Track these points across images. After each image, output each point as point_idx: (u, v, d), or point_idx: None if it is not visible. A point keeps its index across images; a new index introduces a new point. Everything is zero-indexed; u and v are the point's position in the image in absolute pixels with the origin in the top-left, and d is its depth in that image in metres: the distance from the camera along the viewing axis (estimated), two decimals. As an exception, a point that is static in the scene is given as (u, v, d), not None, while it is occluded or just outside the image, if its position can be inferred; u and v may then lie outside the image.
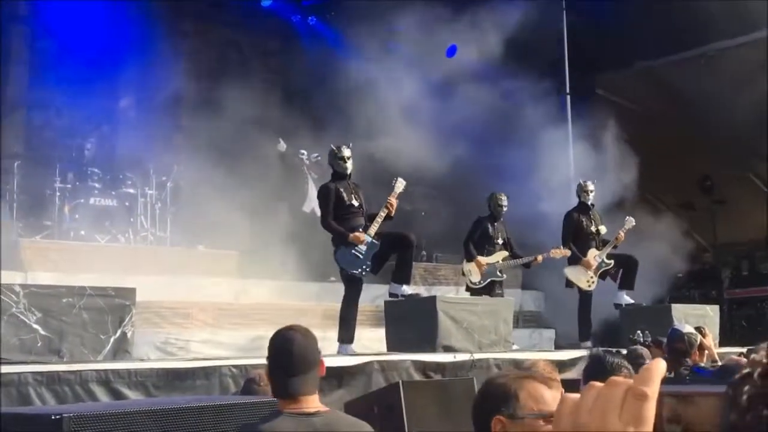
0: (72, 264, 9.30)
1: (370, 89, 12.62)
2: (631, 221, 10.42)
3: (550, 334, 12.23)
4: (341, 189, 7.92)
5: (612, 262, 10.30)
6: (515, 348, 8.86)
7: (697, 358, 5.96)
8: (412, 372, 7.11)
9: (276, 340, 3.37)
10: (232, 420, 3.70)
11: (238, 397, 4.46)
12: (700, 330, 6.25)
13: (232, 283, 10.65)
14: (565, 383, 2.38)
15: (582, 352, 8.87)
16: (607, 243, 10.34)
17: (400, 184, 8.10)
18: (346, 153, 8.01)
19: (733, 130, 13.65)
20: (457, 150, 12.39)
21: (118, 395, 5.57)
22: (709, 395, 0.95)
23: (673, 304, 10.42)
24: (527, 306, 13.03)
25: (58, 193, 10.79)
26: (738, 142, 14.24)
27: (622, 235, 10.29)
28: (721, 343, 9.51)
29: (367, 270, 7.79)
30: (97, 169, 11.25)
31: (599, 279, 10.33)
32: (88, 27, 12.60)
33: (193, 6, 13.69)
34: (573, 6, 13.86)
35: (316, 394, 3.25)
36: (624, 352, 6.10)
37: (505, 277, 10.03)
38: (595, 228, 10.40)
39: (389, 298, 8.34)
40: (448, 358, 7.47)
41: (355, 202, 8.00)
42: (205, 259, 11.16)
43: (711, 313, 10.34)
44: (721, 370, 4.72)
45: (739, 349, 8.06)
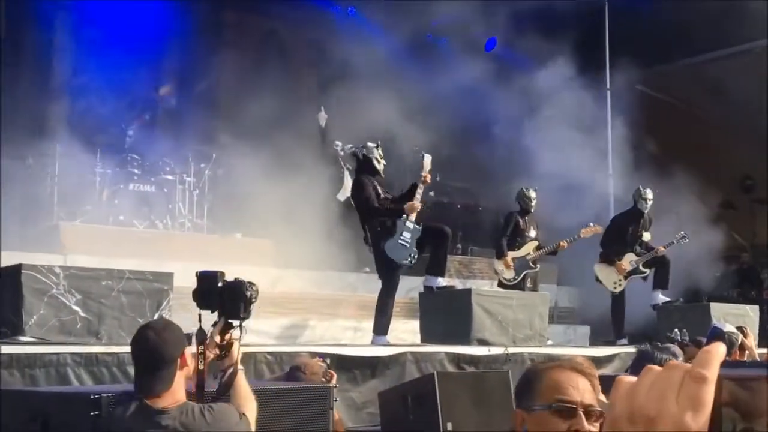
0: (110, 248, 9.40)
1: (408, 81, 12.61)
2: (684, 238, 10.21)
3: (584, 330, 12.15)
4: (375, 182, 7.97)
5: (647, 271, 10.17)
6: (550, 343, 8.81)
7: (737, 358, 5.87)
8: (445, 364, 7.09)
9: (133, 338, 3.38)
10: (284, 404, 3.78)
11: (291, 383, 4.49)
12: (742, 330, 6.17)
13: (268, 272, 10.68)
14: (600, 380, 2.27)
15: (617, 350, 8.81)
16: (648, 251, 10.16)
17: (428, 159, 8.12)
18: (381, 151, 8.09)
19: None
20: (494, 143, 12.34)
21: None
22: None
23: (712, 303, 10.27)
24: (562, 302, 12.94)
25: (98, 178, 10.91)
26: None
27: (663, 250, 10.11)
28: (760, 344, 9.36)
29: (415, 258, 7.78)
30: (137, 156, 11.35)
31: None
32: (131, 16, 12.72)
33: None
34: (615, 2, 13.69)
35: (172, 389, 3.22)
36: (670, 347, 6.04)
37: (538, 267, 9.96)
38: (640, 233, 10.24)
39: (424, 291, 8.33)
40: (482, 351, 7.45)
41: (389, 196, 8.12)
42: (242, 247, 11.23)
43: (751, 314, 10.17)
44: None
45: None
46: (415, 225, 7.81)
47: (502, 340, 7.87)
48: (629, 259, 10.12)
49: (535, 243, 9.89)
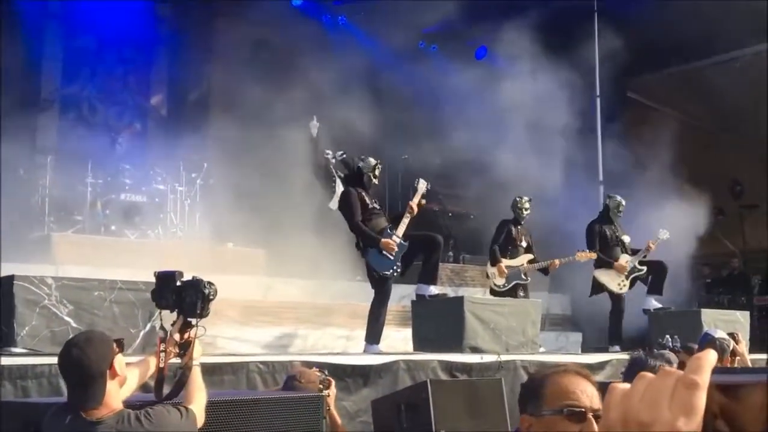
0: (102, 258, 9.38)
1: (400, 89, 12.64)
2: (665, 233, 10.29)
3: (576, 337, 12.18)
4: (363, 193, 7.97)
5: (645, 268, 10.21)
6: (542, 350, 8.82)
7: (728, 364, 5.89)
8: (438, 372, 7.09)
9: (59, 354, 3.33)
10: (275, 413, 3.79)
11: (283, 393, 4.50)
12: (734, 336, 6.18)
13: (260, 281, 10.69)
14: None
15: (609, 356, 8.82)
16: (638, 251, 10.25)
17: (423, 185, 8.14)
18: (378, 171, 8.11)
19: (766, 135, 13.50)
20: (485, 152, 12.36)
21: (147, 388, 5.61)
22: (756, 385, 0.94)
23: (703, 309, 10.31)
24: (554, 309, 12.96)
25: (89, 189, 10.90)
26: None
27: (652, 245, 10.18)
28: (751, 350, 9.39)
29: (398, 270, 7.81)
30: (128, 166, 11.35)
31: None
32: (121, 25, 12.73)
33: (224, 5, 13.77)
34: (605, 9, 13.76)
35: (105, 400, 3.20)
36: (664, 353, 6.05)
37: (529, 280, 10.00)
38: (619, 237, 10.34)
39: (416, 299, 8.34)
40: (474, 359, 7.45)
41: (377, 205, 8.11)
42: (234, 256, 11.22)
43: (742, 319, 10.20)
44: None
45: (768, 356, 7.96)
46: (402, 241, 7.83)
47: (494, 347, 7.87)
48: (625, 259, 10.17)
49: (529, 256, 9.94)
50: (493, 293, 9.92)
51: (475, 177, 12.64)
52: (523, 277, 9.88)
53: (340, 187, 11.11)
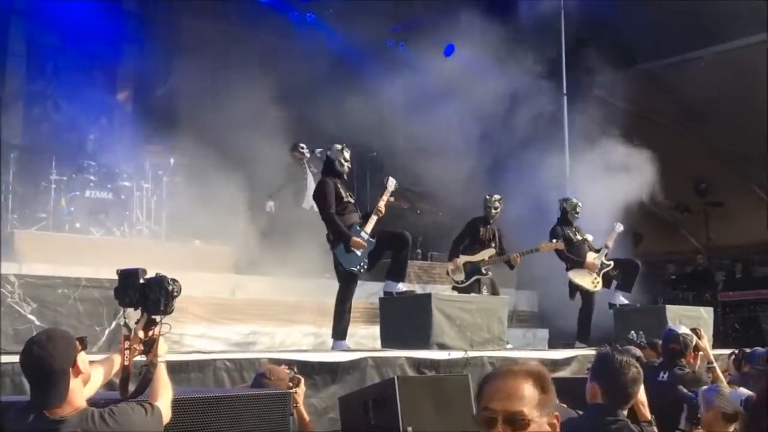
0: (66, 256, 9.27)
1: (368, 87, 12.63)
2: (619, 227, 10.43)
3: (543, 334, 12.25)
4: (339, 184, 7.95)
5: (612, 263, 10.31)
6: (509, 347, 8.87)
7: (692, 359, 5.96)
8: (406, 368, 7.10)
9: (21, 353, 3.27)
10: (241, 411, 3.78)
11: (250, 390, 4.48)
12: (696, 331, 6.25)
13: (228, 279, 10.63)
14: (557, 382, 2.32)
15: (575, 352, 8.89)
16: (600, 249, 10.36)
17: (392, 183, 8.14)
18: (348, 154, 8.05)
19: (731, 133, 13.68)
20: (454, 149, 12.40)
21: (112, 386, 5.55)
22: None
23: (668, 306, 10.43)
24: (521, 306, 13.04)
25: (53, 186, 10.74)
26: (735, 145, 14.27)
27: (610, 243, 10.31)
28: (714, 345, 9.52)
29: (365, 267, 7.81)
30: (93, 162, 11.22)
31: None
32: (86, 21, 12.59)
33: (191, 1, 13.66)
34: (571, 6, 13.85)
35: (68, 398, 3.16)
36: (630, 349, 6.11)
37: (489, 274, 10.02)
38: (581, 237, 10.43)
39: (384, 296, 8.34)
40: (442, 356, 7.47)
41: (351, 199, 8.07)
42: (201, 254, 11.14)
43: (705, 315, 10.34)
44: None
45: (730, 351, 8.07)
46: (370, 238, 7.83)
47: (461, 344, 7.90)
48: (592, 257, 10.26)
49: (491, 251, 9.99)
50: (455, 289, 9.97)
51: (444, 174, 12.66)
52: (483, 272, 9.93)
53: (312, 183, 11.08)
